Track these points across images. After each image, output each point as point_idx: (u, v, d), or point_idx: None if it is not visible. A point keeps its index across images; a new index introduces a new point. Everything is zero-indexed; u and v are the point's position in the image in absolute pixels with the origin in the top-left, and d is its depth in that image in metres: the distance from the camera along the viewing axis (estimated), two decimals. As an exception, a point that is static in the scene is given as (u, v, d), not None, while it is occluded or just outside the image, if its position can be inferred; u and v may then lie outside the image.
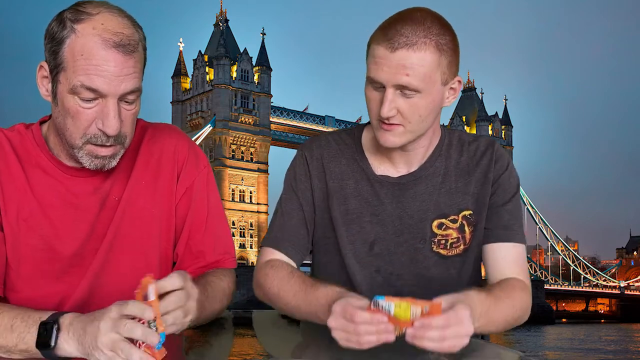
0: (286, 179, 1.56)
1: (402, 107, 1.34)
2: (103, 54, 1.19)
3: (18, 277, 1.32)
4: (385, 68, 1.31)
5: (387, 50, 1.31)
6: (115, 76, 1.20)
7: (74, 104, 1.22)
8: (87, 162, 1.28)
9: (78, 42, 1.20)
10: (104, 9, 1.23)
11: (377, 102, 1.36)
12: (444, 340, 1.12)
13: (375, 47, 1.33)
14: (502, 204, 1.50)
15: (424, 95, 1.34)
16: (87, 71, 1.19)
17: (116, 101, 1.22)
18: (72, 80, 1.20)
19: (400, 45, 1.30)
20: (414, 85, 1.31)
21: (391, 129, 1.37)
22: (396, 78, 1.31)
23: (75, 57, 1.20)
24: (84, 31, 1.20)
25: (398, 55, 1.30)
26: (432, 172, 1.50)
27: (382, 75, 1.32)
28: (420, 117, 1.37)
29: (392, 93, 1.33)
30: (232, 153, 69.11)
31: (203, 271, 1.41)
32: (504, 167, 1.51)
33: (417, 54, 1.30)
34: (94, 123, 1.23)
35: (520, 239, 1.50)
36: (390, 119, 1.35)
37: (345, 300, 1.19)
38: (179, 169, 1.42)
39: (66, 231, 1.33)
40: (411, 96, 1.33)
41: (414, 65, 1.30)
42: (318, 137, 1.59)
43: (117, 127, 1.23)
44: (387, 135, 1.38)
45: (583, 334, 42.25)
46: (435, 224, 1.49)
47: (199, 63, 71.99)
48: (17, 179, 1.32)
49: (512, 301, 1.37)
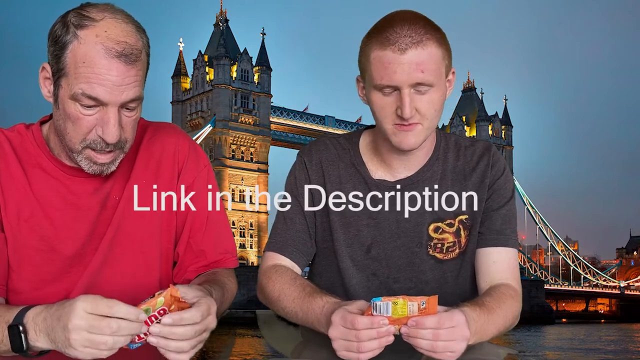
0: (287, 184, 1.58)
1: (419, 105, 1.36)
2: (105, 63, 1.18)
3: (19, 277, 1.32)
4: (399, 70, 1.32)
5: (395, 54, 1.32)
6: (116, 85, 1.19)
7: (74, 109, 1.22)
8: (85, 166, 1.28)
9: (80, 49, 1.19)
10: (108, 14, 1.21)
11: (390, 106, 1.37)
12: (437, 339, 1.14)
13: (379, 54, 1.34)
14: (496, 208, 1.51)
15: (436, 89, 1.36)
16: (89, 79, 1.19)
17: (117, 109, 1.22)
18: (74, 87, 1.20)
19: (409, 46, 1.32)
20: (429, 81, 1.34)
21: (411, 128, 1.38)
22: (412, 77, 1.33)
23: (77, 64, 1.19)
24: (86, 38, 1.19)
25: (409, 55, 1.32)
26: (429, 176, 1.51)
27: (396, 78, 1.33)
28: (435, 112, 1.39)
29: (408, 93, 1.34)
30: (232, 153, 69.09)
31: (204, 270, 1.42)
32: (500, 172, 1.53)
33: (426, 51, 1.33)
34: (94, 129, 1.23)
35: (512, 244, 1.50)
36: (410, 119, 1.36)
37: (342, 309, 1.20)
38: (179, 168, 1.42)
39: (66, 231, 1.33)
40: (426, 92, 1.35)
41: (426, 62, 1.33)
42: (317, 141, 1.60)
43: (116, 135, 1.23)
44: (409, 136, 1.39)
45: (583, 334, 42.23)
46: (432, 227, 1.50)
47: (199, 63, 71.96)
48: (17, 179, 1.32)
49: (504, 312, 1.37)
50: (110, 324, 1.03)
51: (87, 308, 1.03)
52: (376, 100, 1.39)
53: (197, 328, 1.09)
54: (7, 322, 1.11)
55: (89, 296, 1.05)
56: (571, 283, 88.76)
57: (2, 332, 1.12)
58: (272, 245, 1.53)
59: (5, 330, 1.11)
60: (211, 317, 1.12)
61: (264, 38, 72.32)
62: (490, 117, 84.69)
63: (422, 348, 1.16)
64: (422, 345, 1.15)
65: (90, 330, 1.03)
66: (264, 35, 72.30)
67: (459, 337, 1.16)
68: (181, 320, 1.07)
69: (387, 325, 1.14)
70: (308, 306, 1.35)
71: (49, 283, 1.33)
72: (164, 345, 1.07)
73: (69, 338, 1.03)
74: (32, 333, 1.09)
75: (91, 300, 1.04)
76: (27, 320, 1.09)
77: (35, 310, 1.10)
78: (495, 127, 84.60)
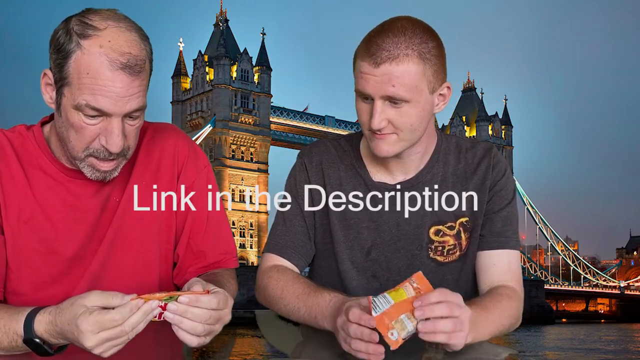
0: (287, 185, 1.58)
1: (392, 117, 1.35)
2: (109, 75, 1.18)
3: (18, 279, 1.32)
4: (372, 81, 1.33)
5: (370, 66, 1.32)
6: (120, 97, 1.19)
7: (77, 119, 1.21)
8: (88, 173, 1.28)
9: (84, 60, 1.18)
10: (111, 22, 1.20)
11: (367, 113, 1.38)
12: (449, 306, 1.16)
13: (360, 63, 1.35)
14: (497, 210, 1.50)
15: (412, 105, 1.35)
16: (93, 91, 1.18)
17: (120, 119, 1.22)
18: (77, 97, 1.19)
19: (383, 60, 1.31)
20: (400, 96, 1.33)
21: (384, 137, 1.38)
22: (383, 89, 1.32)
23: (81, 75, 1.18)
24: (90, 49, 1.18)
25: (382, 69, 1.31)
26: (430, 178, 1.50)
27: (369, 88, 1.34)
28: (411, 126, 1.37)
29: (380, 104, 1.34)
30: (232, 153, 69.04)
31: (204, 271, 1.42)
32: (502, 174, 1.52)
33: (400, 67, 1.31)
34: (97, 139, 1.23)
35: (513, 246, 1.50)
36: (382, 130, 1.36)
37: (353, 301, 1.23)
38: (179, 169, 1.42)
39: (66, 233, 1.33)
40: (400, 106, 1.34)
41: (399, 77, 1.31)
42: (317, 142, 1.60)
43: (120, 145, 1.23)
44: (381, 144, 1.39)
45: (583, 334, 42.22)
46: (433, 230, 1.49)
47: (199, 63, 71.91)
48: (18, 180, 1.31)
49: (499, 310, 1.37)
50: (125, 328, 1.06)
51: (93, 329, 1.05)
52: (358, 105, 1.41)
53: (212, 314, 1.11)
54: (16, 332, 1.13)
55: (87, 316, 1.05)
56: (571, 283, 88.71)
57: (15, 342, 1.14)
58: (271, 247, 1.53)
59: (18, 340, 1.13)
60: (227, 310, 1.14)
61: (264, 38, 72.35)
62: (490, 117, 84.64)
63: (442, 331, 1.16)
64: (439, 314, 1.16)
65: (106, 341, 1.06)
66: (264, 35, 72.33)
67: (463, 311, 1.19)
68: (197, 302, 1.10)
69: (372, 327, 1.15)
70: (313, 301, 1.36)
71: (49, 285, 1.33)
72: (178, 322, 1.09)
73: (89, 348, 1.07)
74: (54, 340, 1.12)
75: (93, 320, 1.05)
76: (40, 334, 1.12)
77: (43, 325, 1.12)
78: (495, 127, 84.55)
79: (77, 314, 1.06)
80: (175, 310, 1.09)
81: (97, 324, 1.04)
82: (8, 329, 1.13)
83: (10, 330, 1.13)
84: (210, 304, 1.10)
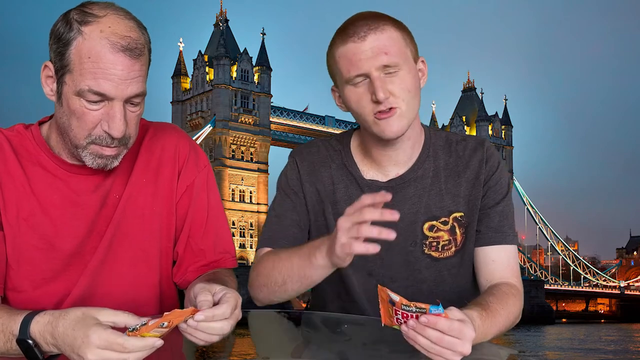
0: (278, 183, 1.58)
1: (391, 87, 1.37)
2: (111, 57, 1.19)
3: (18, 276, 1.32)
4: (363, 57, 1.35)
5: (357, 43, 1.36)
6: (122, 80, 1.20)
7: (79, 105, 1.22)
8: (90, 161, 1.28)
9: (85, 45, 1.20)
10: (110, 11, 1.22)
11: (365, 95, 1.38)
12: (441, 341, 1.08)
13: (342, 49, 1.38)
14: (492, 205, 1.50)
15: (405, 71, 1.38)
16: (95, 75, 1.19)
17: (122, 104, 1.23)
18: (79, 83, 1.20)
19: (367, 32, 1.36)
20: (394, 62, 1.36)
21: (391, 114, 1.38)
22: (378, 60, 1.35)
23: (82, 60, 1.20)
24: (91, 34, 1.20)
25: (369, 41, 1.35)
26: (421, 174, 1.50)
27: (362, 65, 1.36)
28: (409, 93, 1.39)
29: (378, 77, 1.36)
30: (232, 153, 69.09)
31: (204, 270, 1.42)
32: (495, 167, 1.51)
33: (384, 34, 1.37)
34: (99, 124, 1.24)
35: (511, 240, 1.49)
36: (386, 103, 1.36)
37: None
38: (179, 168, 1.43)
39: (66, 229, 1.33)
40: (395, 74, 1.37)
41: (388, 45, 1.36)
42: (308, 143, 1.61)
43: (122, 130, 1.24)
44: (389, 123, 1.39)
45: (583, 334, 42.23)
46: (426, 226, 1.49)
47: (199, 63, 71.97)
48: (16, 178, 1.32)
49: (506, 312, 1.36)
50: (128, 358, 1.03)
51: (101, 345, 1.03)
52: (351, 95, 1.40)
53: (232, 322, 1.11)
54: (12, 332, 1.12)
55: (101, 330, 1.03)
56: (571, 283, 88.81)
57: (10, 342, 1.12)
58: (264, 241, 1.52)
59: (12, 341, 1.11)
60: (238, 310, 1.14)
61: (264, 38, 72.42)
62: (490, 117, 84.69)
63: (419, 345, 1.10)
64: (420, 343, 1.10)
65: None
66: (264, 35, 72.39)
67: (458, 348, 1.10)
68: (214, 317, 1.08)
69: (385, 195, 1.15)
70: (304, 248, 1.31)
71: (49, 281, 1.33)
72: (199, 336, 1.10)
73: None
74: (45, 346, 1.10)
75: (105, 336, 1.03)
76: (34, 335, 1.10)
77: (40, 326, 1.09)
78: (495, 127, 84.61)
79: (89, 324, 1.04)
80: (196, 327, 1.08)
81: (107, 342, 1.02)
82: (5, 328, 1.13)
83: (7, 329, 1.12)
84: (225, 314, 1.10)
